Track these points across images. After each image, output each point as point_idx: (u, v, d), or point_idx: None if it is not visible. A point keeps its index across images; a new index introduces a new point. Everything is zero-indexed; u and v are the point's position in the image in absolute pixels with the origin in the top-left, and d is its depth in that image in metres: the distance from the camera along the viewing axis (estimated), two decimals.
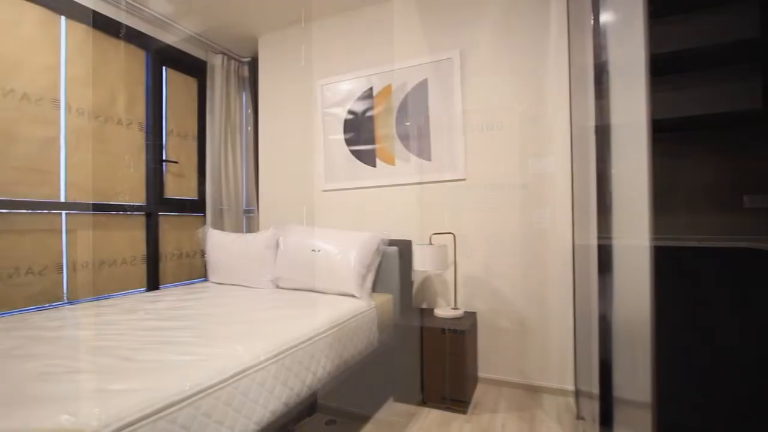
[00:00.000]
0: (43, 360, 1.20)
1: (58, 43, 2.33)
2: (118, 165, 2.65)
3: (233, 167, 3.30)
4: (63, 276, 2.35)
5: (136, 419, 0.92)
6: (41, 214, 2.25)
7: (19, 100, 2.16)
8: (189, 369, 1.14)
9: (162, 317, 1.74)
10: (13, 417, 0.84)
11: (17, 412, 0.86)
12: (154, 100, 2.85)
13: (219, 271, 2.64)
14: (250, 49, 3.35)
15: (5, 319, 1.76)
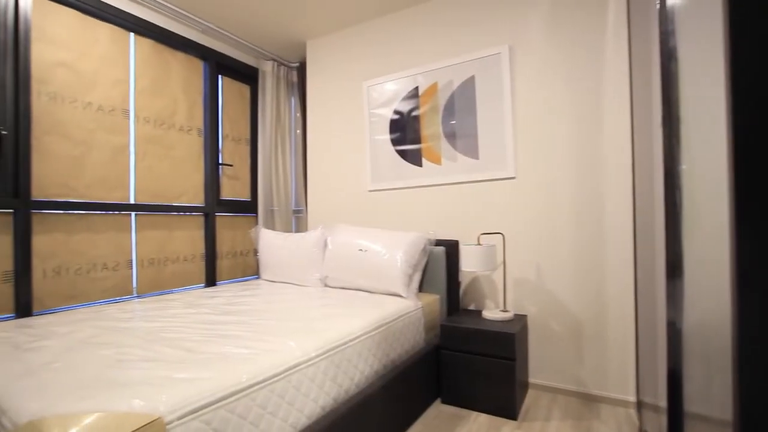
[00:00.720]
0: (117, 348, 1.30)
1: (127, 58, 2.54)
2: (180, 169, 2.83)
3: (283, 169, 3.42)
4: (132, 272, 2.55)
5: (199, 407, 0.97)
6: (114, 215, 2.46)
7: (96, 112, 2.38)
8: (245, 362, 1.19)
9: (219, 312, 1.84)
10: (93, 399, 0.92)
11: (97, 394, 0.94)
12: (212, 107, 3.02)
13: (270, 269, 2.75)
14: (298, 55, 3.45)
15: (85, 309, 1.94)
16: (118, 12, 2.44)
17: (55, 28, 2.20)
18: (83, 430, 0.79)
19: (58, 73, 2.21)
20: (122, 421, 0.84)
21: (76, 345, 1.33)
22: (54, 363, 1.16)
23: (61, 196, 2.22)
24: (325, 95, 3.15)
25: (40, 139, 2.14)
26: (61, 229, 2.23)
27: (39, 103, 2.14)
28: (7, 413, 0.87)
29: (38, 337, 1.44)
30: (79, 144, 2.29)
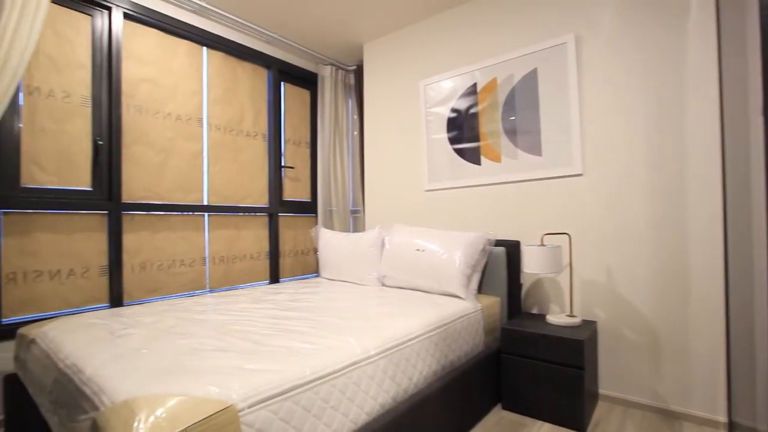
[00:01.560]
0: (194, 338, 1.41)
1: (201, 71, 2.75)
2: (246, 172, 3.01)
3: (341, 170, 3.50)
4: (206, 268, 2.76)
5: (266, 397, 1.02)
6: (190, 215, 2.68)
7: (174, 121, 2.60)
8: (309, 356, 1.23)
9: (283, 308, 1.92)
10: (175, 383, 1.00)
11: (178, 379, 1.03)
12: (275, 113, 3.18)
13: (329, 268, 2.83)
14: (355, 58, 3.52)
15: (166, 301, 2.12)
16: (193, 29, 2.65)
17: (140, 47, 2.44)
18: (167, 411, 0.87)
19: (143, 87, 2.44)
20: (200, 406, 0.90)
21: (159, 334, 1.46)
22: (142, 349, 1.28)
23: (146, 199, 2.45)
24: (381, 96, 3.18)
25: (129, 147, 2.38)
26: (145, 229, 2.46)
27: (128, 115, 2.38)
28: (105, 392, 0.98)
29: (128, 325, 1.60)
30: (161, 151, 2.52)
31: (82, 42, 2.22)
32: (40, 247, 2.06)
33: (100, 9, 2.28)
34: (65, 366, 1.21)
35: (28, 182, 2.03)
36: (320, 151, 3.39)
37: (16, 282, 1.99)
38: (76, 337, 1.42)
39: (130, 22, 2.39)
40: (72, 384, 1.11)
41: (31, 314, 2.04)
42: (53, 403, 1.21)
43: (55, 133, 2.12)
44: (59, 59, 2.14)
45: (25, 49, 1.87)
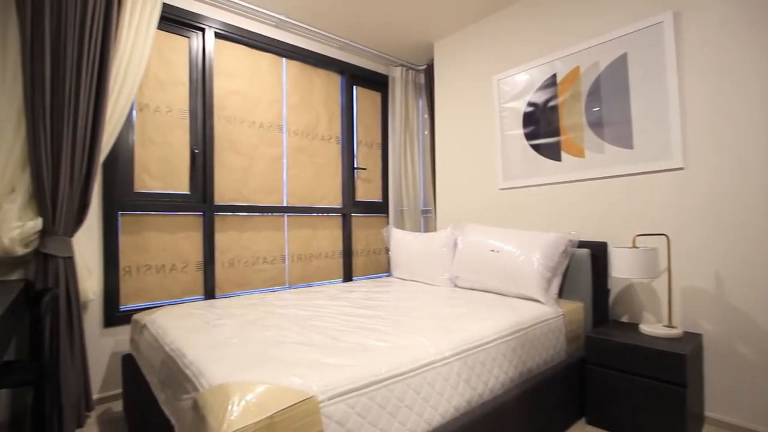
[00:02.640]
0: (278, 331, 1.50)
1: (281, 80, 2.93)
2: (322, 174, 3.15)
3: (411, 170, 3.52)
4: (285, 265, 2.93)
5: (344, 391, 1.05)
6: (271, 216, 2.87)
7: (258, 129, 2.80)
8: (384, 354, 1.25)
9: (357, 306, 1.97)
10: (262, 372, 1.07)
11: (264, 368, 1.10)
12: (348, 116, 3.28)
13: (401, 267, 2.85)
14: (425, 57, 3.51)
15: (251, 296, 2.29)
16: (275, 42, 2.83)
17: (229, 63, 2.67)
18: (256, 397, 0.93)
19: (231, 99, 2.67)
20: (285, 395, 0.96)
21: (247, 325, 1.58)
22: (232, 339, 1.40)
23: (234, 201, 2.68)
24: (452, 94, 3.13)
25: (220, 154, 2.62)
26: (233, 228, 2.69)
27: (219, 125, 2.62)
28: (204, 375, 1.08)
29: (220, 316, 1.76)
30: (246, 157, 2.74)
31: (181, 62, 2.49)
32: (149, 244, 2.35)
33: (196, 31, 2.54)
34: (171, 350, 1.36)
35: (139, 187, 2.33)
36: (391, 151, 3.44)
37: (131, 274, 2.29)
38: (179, 324, 1.59)
39: (221, 40, 2.63)
40: (176, 366, 1.25)
41: (142, 302, 2.33)
42: (161, 382, 1.37)
43: (160, 143, 2.40)
44: (163, 78, 2.41)
45: (137, 72, 2.14)
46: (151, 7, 2.18)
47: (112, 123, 2.06)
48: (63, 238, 1.89)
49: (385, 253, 3.58)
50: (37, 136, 1.82)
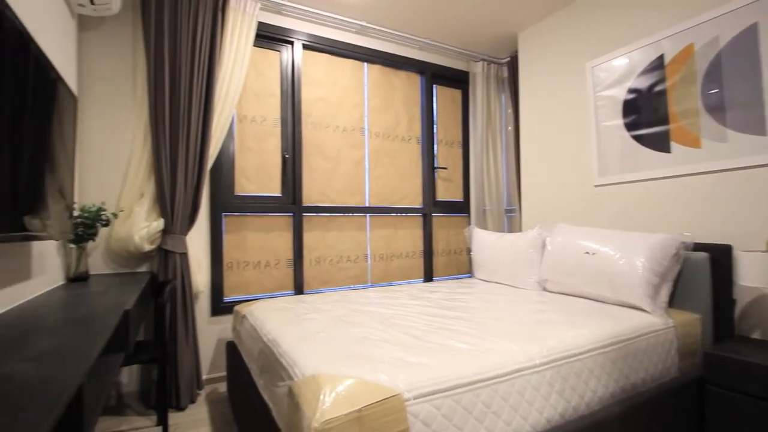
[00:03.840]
0: (362, 327, 1.55)
1: (362, 84, 3.02)
2: (402, 175, 3.18)
3: (494, 168, 3.39)
4: (368, 264, 3.01)
5: (430, 392, 1.04)
6: (354, 216, 2.97)
7: (341, 132, 2.92)
8: (469, 357, 1.21)
9: (440, 306, 1.95)
10: (349, 366, 1.11)
11: (351, 363, 1.14)
12: (428, 116, 3.27)
13: (484, 269, 2.76)
14: (508, 49, 3.36)
15: (336, 293, 2.39)
16: (356, 48, 2.93)
17: (315, 71, 2.82)
18: (345, 389, 0.97)
19: (317, 106, 2.82)
20: (372, 390, 0.98)
21: (334, 321, 1.66)
22: (321, 332, 1.47)
23: (320, 202, 2.82)
24: (539, 86, 2.95)
25: (307, 158, 2.78)
26: (319, 228, 2.83)
27: (306, 131, 2.78)
28: (297, 365, 1.15)
29: (309, 310, 1.86)
30: (331, 160, 2.87)
31: (273, 74, 2.69)
32: (247, 242, 2.58)
33: (286, 44, 2.73)
34: (267, 340, 1.47)
35: (239, 191, 2.57)
36: (473, 149, 3.35)
37: (232, 269, 2.54)
38: (274, 317, 1.72)
39: (307, 51, 2.79)
40: (273, 355, 1.35)
41: (242, 295, 2.56)
42: (259, 368, 1.49)
43: (256, 150, 2.62)
44: (258, 90, 2.64)
45: (237, 87, 2.37)
46: (248, 27, 2.39)
47: (217, 134, 2.31)
48: (179, 236, 2.17)
49: (466, 254, 3.50)
50: (159, 148, 2.11)
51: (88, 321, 1.08)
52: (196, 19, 2.20)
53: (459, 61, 3.45)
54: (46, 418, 0.53)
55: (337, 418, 0.89)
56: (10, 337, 0.91)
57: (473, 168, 3.34)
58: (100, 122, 2.16)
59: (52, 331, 0.97)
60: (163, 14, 2.12)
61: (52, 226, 1.36)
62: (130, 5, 2.21)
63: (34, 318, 1.11)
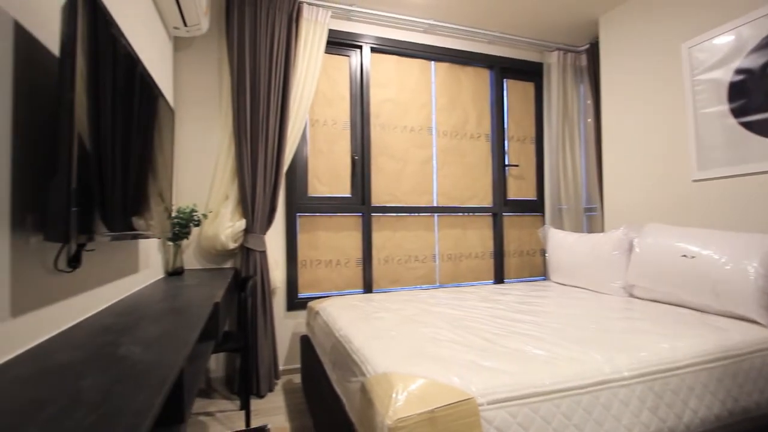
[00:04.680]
0: (432, 328, 1.54)
1: (430, 84, 3.00)
2: (471, 173, 3.11)
3: (571, 164, 3.17)
4: (436, 264, 2.99)
5: (505, 398, 1.00)
6: (422, 216, 2.96)
7: (409, 133, 2.93)
8: (547, 364, 1.15)
9: (512, 309, 1.87)
10: (420, 366, 1.10)
11: (422, 363, 1.13)
12: (498, 112, 3.16)
13: (560, 272, 2.59)
14: (587, 36, 3.12)
15: (405, 292, 2.41)
16: (423, 47, 2.92)
17: (382, 73, 2.86)
18: (418, 389, 0.97)
19: (385, 107, 2.86)
20: (444, 392, 0.97)
21: (404, 320, 1.66)
22: (391, 331, 1.48)
23: (388, 203, 2.85)
24: (624, 72, 2.70)
25: (376, 159, 2.83)
26: (388, 228, 2.86)
27: (374, 133, 2.83)
28: (369, 362, 1.18)
29: (379, 309, 1.89)
30: (399, 160, 2.89)
31: (342, 79, 2.78)
32: (319, 241, 2.69)
33: (354, 49, 2.80)
34: (340, 336, 1.52)
35: (312, 192, 2.69)
36: (547, 145, 3.16)
37: (306, 267, 2.66)
38: (345, 314, 1.78)
39: (375, 54, 2.84)
40: (345, 351, 1.39)
41: (315, 292, 2.68)
42: (332, 363, 1.55)
43: (327, 153, 2.72)
44: (329, 95, 2.74)
45: (310, 93, 2.48)
46: (320, 36, 2.50)
47: (292, 138, 2.44)
48: (259, 235, 2.32)
49: (540, 255, 3.32)
50: (241, 154, 2.28)
51: (185, 311, 1.19)
52: (273, 32, 2.35)
53: (532, 53, 3.28)
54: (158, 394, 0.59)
55: (409, 417, 0.89)
56: (125, 323, 1.05)
57: (548, 164, 3.15)
58: (191, 132, 2.39)
59: (156, 318, 1.09)
60: (244, 31, 2.29)
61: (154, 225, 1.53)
62: (215, 25, 2.42)
63: (143, 306, 1.26)
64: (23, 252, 0.84)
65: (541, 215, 3.31)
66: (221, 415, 2.02)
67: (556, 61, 3.15)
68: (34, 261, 0.88)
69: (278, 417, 1.99)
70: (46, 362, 0.75)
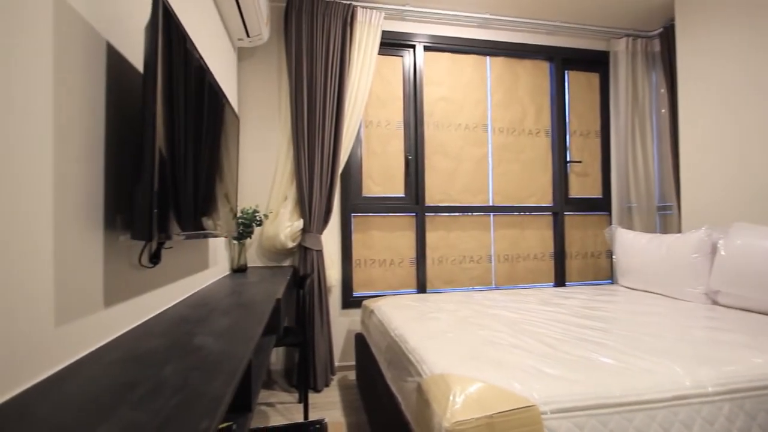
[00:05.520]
0: (489, 330, 1.49)
1: (485, 79, 2.92)
2: (528, 171, 2.98)
3: (643, 158, 2.93)
4: (491, 265, 2.90)
5: (571, 407, 0.95)
6: (477, 216, 2.89)
7: (463, 131, 2.87)
8: (616, 374, 1.07)
9: (575, 314, 1.77)
10: (478, 369, 1.08)
11: (480, 366, 1.10)
12: (558, 106, 3.00)
13: (631, 275, 2.41)
14: (661, 18, 2.87)
15: (459, 293, 2.36)
16: (478, 42, 2.85)
17: (435, 71, 2.83)
18: (476, 392, 0.94)
19: (438, 105, 2.83)
20: (503, 397, 0.93)
21: (460, 321, 1.63)
22: (447, 332, 1.46)
23: (442, 202, 2.82)
24: (707, 56, 2.44)
25: (429, 158, 2.80)
26: (442, 228, 2.83)
27: (428, 132, 2.81)
28: (425, 362, 1.17)
29: (434, 309, 1.88)
30: (453, 159, 2.84)
31: (396, 79, 2.79)
32: (373, 241, 2.73)
33: (408, 48, 2.80)
34: (395, 335, 1.53)
35: (366, 192, 2.73)
36: (614, 138, 2.95)
37: (360, 266, 2.71)
38: (400, 314, 1.78)
39: (428, 52, 2.82)
40: (400, 350, 1.39)
41: (369, 291, 2.71)
42: (387, 361, 1.56)
43: (380, 153, 2.75)
44: (383, 96, 2.76)
45: (364, 95, 2.52)
46: (373, 38, 2.53)
47: (347, 141, 2.49)
48: (316, 235, 2.40)
49: (606, 257, 3.10)
50: (299, 157, 2.37)
51: (250, 306, 1.26)
52: (329, 37, 2.42)
53: (596, 41, 3.08)
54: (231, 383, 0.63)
55: (468, 421, 0.87)
56: (198, 315, 1.13)
57: (615, 160, 2.94)
58: (252, 136, 2.53)
59: (225, 312, 1.17)
60: (301, 38, 2.38)
61: (221, 225, 1.64)
62: (275, 34, 2.54)
63: (213, 300, 1.36)
64: (114, 249, 0.94)
65: (607, 214, 3.09)
66: (281, 407, 2.11)
67: (624, 49, 2.93)
68: (122, 257, 0.98)
69: (334, 412, 2.04)
70: (134, 349, 0.83)
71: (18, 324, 0.63)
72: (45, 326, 0.69)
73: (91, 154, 0.84)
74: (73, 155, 0.78)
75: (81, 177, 0.80)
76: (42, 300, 0.68)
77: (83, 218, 0.81)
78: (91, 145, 0.84)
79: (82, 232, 0.81)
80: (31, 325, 0.66)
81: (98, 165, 0.87)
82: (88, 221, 0.83)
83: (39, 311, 0.68)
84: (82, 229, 0.80)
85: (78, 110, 0.80)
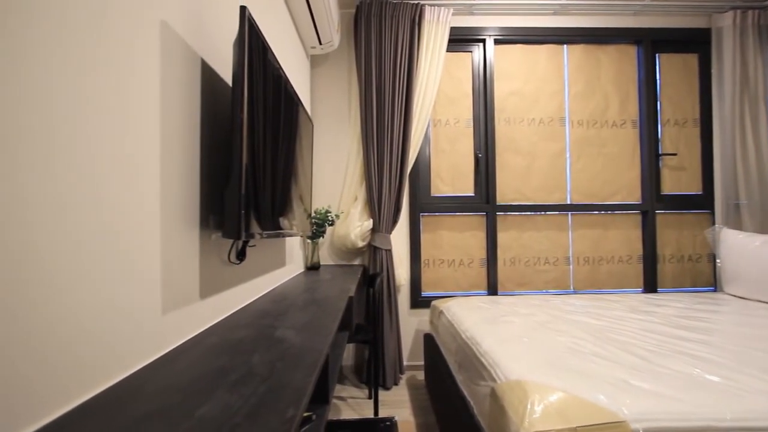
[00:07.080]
0: (570, 337, 1.40)
1: (561, 70, 2.74)
2: (612, 166, 2.74)
3: (754, 149, 2.55)
4: (570, 268, 2.72)
5: (667, 427, 0.85)
6: (553, 215, 2.72)
7: (537, 125, 2.73)
8: (725, 394, 0.94)
9: (671, 324, 1.59)
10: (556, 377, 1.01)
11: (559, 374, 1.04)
12: (647, 93, 2.72)
13: (739, 282, 2.11)
14: None
15: (534, 297, 2.25)
16: (552, 31, 2.69)
17: (507, 65, 2.72)
18: (558, 402, 0.89)
19: (510, 101, 2.71)
20: (588, 409, 0.87)
21: (536, 326, 1.55)
22: (522, 337, 1.40)
23: (515, 201, 2.70)
24: None
25: (501, 156, 2.70)
26: (514, 228, 2.71)
27: (499, 128, 2.71)
28: (500, 367, 1.13)
29: (507, 313, 1.80)
30: (526, 155, 2.71)
31: (465, 76, 2.73)
32: (442, 241, 2.69)
33: (477, 43, 2.72)
34: (466, 337, 1.50)
35: (434, 192, 2.70)
36: (718, 128, 2.61)
37: (429, 266, 2.69)
38: (471, 315, 1.74)
39: (499, 45, 2.72)
40: (472, 353, 1.36)
41: (438, 291, 2.69)
42: (457, 363, 1.53)
43: (449, 152, 2.71)
44: (451, 93, 2.72)
45: (432, 93, 2.50)
46: (441, 35, 2.50)
47: (415, 140, 2.49)
48: (385, 234, 2.44)
49: (707, 261, 2.75)
50: (368, 157, 2.42)
51: (325, 302, 1.32)
52: (397, 38, 2.43)
53: (694, 18, 2.74)
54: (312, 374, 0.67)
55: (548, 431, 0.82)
56: (278, 309, 1.20)
57: (718, 151, 2.59)
58: (324, 139, 2.63)
59: (302, 307, 1.23)
60: (370, 41, 2.43)
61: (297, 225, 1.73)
62: (345, 39, 2.62)
63: (290, 296, 1.44)
64: (207, 247, 1.03)
65: (709, 213, 2.73)
66: (352, 401, 2.17)
67: (730, 23, 2.57)
68: (213, 254, 1.07)
69: (403, 411, 2.06)
70: (227, 337, 0.90)
71: (134, 313, 0.72)
72: (154, 315, 0.78)
73: (190, 160, 0.94)
74: (176, 161, 0.87)
75: (182, 181, 0.90)
76: (152, 291, 0.78)
77: (183, 218, 0.90)
78: (190, 153, 0.94)
79: (183, 231, 0.90)
80: (143, 313, 0.75)
81: (195, 170, 0.97)
82: (187, 221, 0.92)
83: (150, 301, 0.77)
84: (182, 228, 0.90)
85: (179, 122, 0.89)
